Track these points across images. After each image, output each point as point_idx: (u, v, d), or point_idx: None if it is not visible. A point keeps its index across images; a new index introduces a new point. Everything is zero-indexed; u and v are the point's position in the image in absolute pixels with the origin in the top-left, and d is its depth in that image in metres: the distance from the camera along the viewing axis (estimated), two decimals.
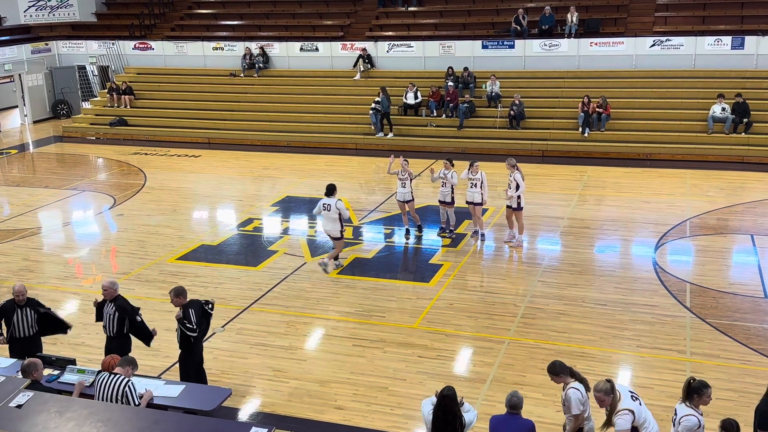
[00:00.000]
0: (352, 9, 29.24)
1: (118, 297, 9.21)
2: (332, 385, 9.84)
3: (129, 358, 7.83)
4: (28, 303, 9.31)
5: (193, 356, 9.19)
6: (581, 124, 22.27)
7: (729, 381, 9.68)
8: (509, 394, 7.18)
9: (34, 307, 9.37)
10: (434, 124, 23.94)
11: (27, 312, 9.25)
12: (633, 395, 7.18)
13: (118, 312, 9.10)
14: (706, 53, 23.40)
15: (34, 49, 30.21)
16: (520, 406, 7.08)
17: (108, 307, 9.18)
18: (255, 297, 12.71)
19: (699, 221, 16.05)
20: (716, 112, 21.62)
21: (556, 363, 7.46)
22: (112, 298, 9.16)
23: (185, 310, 8.97)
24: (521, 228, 14.77)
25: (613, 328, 11.25)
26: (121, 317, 9.10)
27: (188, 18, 31.36)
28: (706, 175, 19.69)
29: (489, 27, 26.60)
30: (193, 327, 8.92)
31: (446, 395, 6.80)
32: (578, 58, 24.61)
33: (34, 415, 6.58)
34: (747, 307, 11.92)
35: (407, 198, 15.01)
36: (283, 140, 24.66)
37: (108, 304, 9.19)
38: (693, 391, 6.94)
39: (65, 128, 27.77)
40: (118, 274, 13.88)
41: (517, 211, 14.56)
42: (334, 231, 13.71)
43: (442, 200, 15.11)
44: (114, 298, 9.17)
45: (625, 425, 6.84)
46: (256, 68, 27.62)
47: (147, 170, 21.73)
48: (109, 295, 9.18)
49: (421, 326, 11.50)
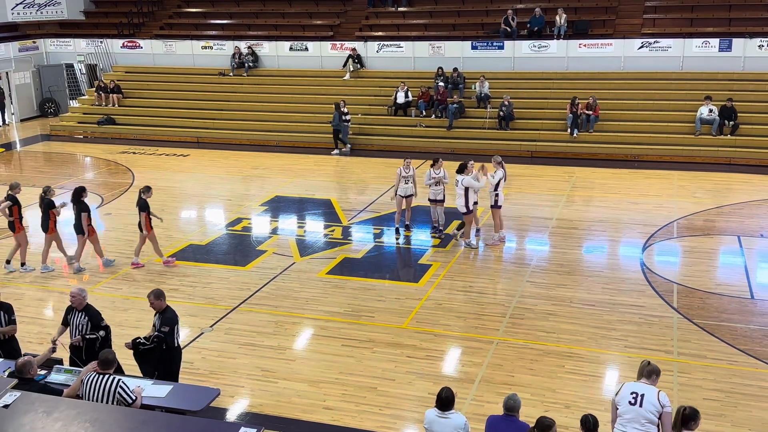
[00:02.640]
0: (342, 9, 29.23)
1: (89, 307, 9.02)
2: (321, 385, 9.83)
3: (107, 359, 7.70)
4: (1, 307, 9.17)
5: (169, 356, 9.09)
6: (570, 125, 22.36)
7: (716, 381, 9.74)
8: (507, 396, 7.15)
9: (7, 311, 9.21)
10: (423, 124, 23.97)
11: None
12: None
13: (92, 322, 8.94)
14: (693, 55, 23.56)
15: (21, 47, 30.02)
16: (517, 408, 7.04)
17: (80, 317, 8.96)
18: (243, 297, 12.68)
19: (686, 222, 16.14)
20: (704, 113, 21.75)
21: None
22: (83, 308, 8.96)
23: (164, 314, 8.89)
24: (498, 226, 14.94)
25: (600, 329, 11.30)
26: (93, 326, 8.94)
27: (177, 17, 31.25)
28: (694, 176, 19.81)
29: (478, 28, 26.67)
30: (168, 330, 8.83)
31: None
32: (567, 60, 24.71)
33: (21, 415, 6.54)
34: (733, 307, 12.00)
35: (409, 192, 15.24)
36: (272, 140, 24.62)
37: (78, 314, 8.96)
38: (689, 419, 6.76)
39: (53, 127, 27.61)
40: (105, 273, 13.82)
41: (496, 209, 14.73)
42: (460, 206, 14.28)
43: (433, 199, 15.21)
44: (85, 307, 8.97)
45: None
46: (245, 67, 27.55)
47: (135, 169, 21.63)
48: (78, 303, 8.96)
49: (410, 326, 11.52)
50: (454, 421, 6.99)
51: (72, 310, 9.05)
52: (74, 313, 9.02)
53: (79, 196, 13.67)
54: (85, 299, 9.03)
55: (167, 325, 8.81)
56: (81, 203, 13.65)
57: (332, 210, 17.46)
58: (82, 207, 13.65)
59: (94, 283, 13.39)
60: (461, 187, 14.25)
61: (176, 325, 8.92)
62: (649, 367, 7.41)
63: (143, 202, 13.75)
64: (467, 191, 14.26)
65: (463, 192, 14.26)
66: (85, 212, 13.65)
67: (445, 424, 6.99)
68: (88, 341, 8.96)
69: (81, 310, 8.98)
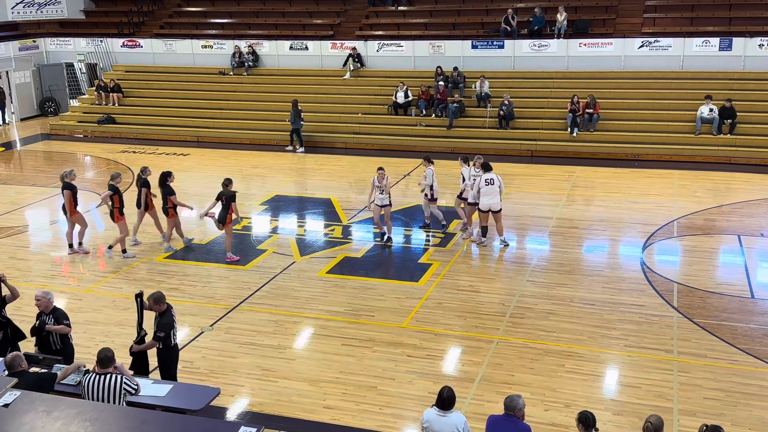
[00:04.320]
0: (342, 8, 29.21)
1: (55, 309, 9.00)
2: (321, 385, 9.83)
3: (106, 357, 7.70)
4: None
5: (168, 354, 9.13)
6: (570, 125, 22.35)
7: (716, 381, 9.74)
8: (507, 396, 7.12)
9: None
10: (424, 123, 23.96)
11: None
12: None
13: (57, 323, 8.92)
14: (694, 54, 23.55)
15: (21, 46, 30.01)
16: (515, 408, 6.98)
17: (47, 320, 8.94)
18: (244, 296, 12.68)
19: (686, 221, 16.14)
20: (704, 113, 21.74)
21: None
22: (50, 311, 8.95)
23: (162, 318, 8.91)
24: (470, 222, 15.22)
25: (601, 328, 11.30)
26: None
27: (177, 16, 31.24)
28: (694, 175, 19.80)
29: (479, 27, 26.65)
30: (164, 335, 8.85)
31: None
32: (567, 59, 24.70)
33: (21, 415, 6.53)
34: (734, 307, 12.00)
35: (385, 202, 14.89)
36: (272, 139, 24.61)
37: (47, 317, 8.94)
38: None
39: (53, 126, 27.60)
40: (105, 272, 13.82)
41: (471, 206, 15.01)
42: (495, 204, 14.34)
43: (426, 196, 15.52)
44: (52, 310, 8.96)
45: None
46: (245, 67, 27.55)
47: (135, 168, 21.58)
48: (45, 307, 8.96)
49: (410, 326, 11.51)
50: (453, 420, 6.99)
51: (41, 314, 9.03)
52: (42, 316, 9.00)
53: (165, 180, 14.51)
54: (51, 302, 9.00)
55: (163, 331, 8.85)
56: (167, 187, 14.47)
57: (332, 209, 17.46)
58: (167, 190, 14.46)
59: (94, 282, 13.39)
60: (498, 184, 14.33)
61: (173, 329, 8.96)
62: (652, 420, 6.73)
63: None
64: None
65: (498, 189, 14.33)
66: (171, 195, 14.48)
67: (444, 423, 6.99)
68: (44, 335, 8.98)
69: (48, 314, 8.97)
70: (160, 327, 8.85)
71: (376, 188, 14.82)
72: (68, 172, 14.60)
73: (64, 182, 14.39)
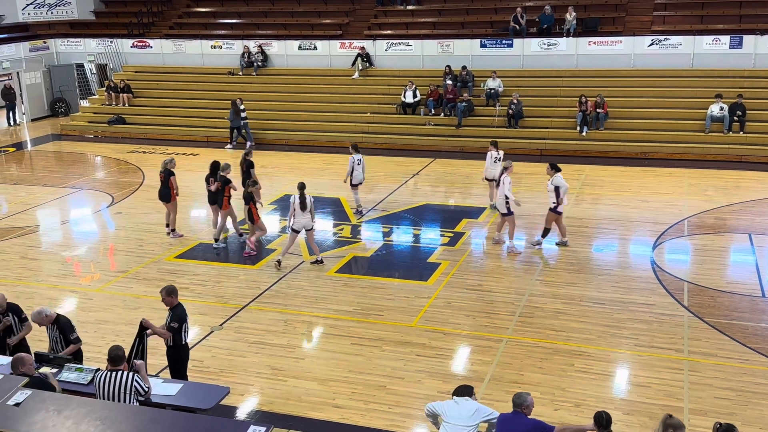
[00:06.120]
0: (351, 8, 29.23)
1: (58, 318, 8.98)
2: (330, 384, 9.84)
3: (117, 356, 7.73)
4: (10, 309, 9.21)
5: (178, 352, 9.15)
6: (579, 123, 22.28)
7: (727, 380, 9.69)
8: (516, 393, 7.26)
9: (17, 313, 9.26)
10: (432, 122, 23.94)
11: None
12: None
13: (62, 334, 8.93)
14: (704, 53, 23.42)
15: (32, 47, 30.16)
16: (524, 404, 7.09)
17: (52, 330, 8.96)
18: (253, 295, 12.71)
19: (697, 220, 16.06)
20: (714, 111, 21.63)
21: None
22: (52, 322, 8.92)
23: (174, 311, 8.95)
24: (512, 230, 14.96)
25: (611, 327, 11.26)
26: (65, 338, 8.94)
27: (186, 16, 31.34)
28: (704, 174, 19.71)
29: (487, 26, 26.62)
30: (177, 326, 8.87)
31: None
32: (576, 57, 24.62)
33: (33, 414, 6.58)
34: (745, 306, 11.94)
35: (309, 227, 13.78)
36: (281, 139, 24.66)
37: (50, 327, 8.96)
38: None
39: (63, 126, 27.74)
40: (116, 272, 13.88)
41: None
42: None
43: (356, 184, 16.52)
44: (54, 320, 8.93)
45: None
46: (254, 67, 27.60)
47: (145, 168, 21.70)
48: (46, 323, 8.95)
49: (420, 325, 11.51)
50: (468, 406, 7.22)
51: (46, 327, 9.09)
52: (48, 327, 9.03)
53: (223, 171, 15.06)
54: (49, 317, 8.91)
55: (176, 322, 8.87)
56: (225, 179, 14.94)
57: (341, 208, 17.47)
58: (225, 181, 14.89)
59: (105, 281, 13.45)
60: (552, 186, 14.21)
61: (185, 323, 8.96)
62: (670, 421, 6.55)
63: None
64: (557, 190, 14.20)
65: (554, 190, 14.17)
66: (228, 184, 14.95)
67: (464, 407, 7.21)
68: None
69: (52, 323, 8.97)
70: (174, 318, 8.87)
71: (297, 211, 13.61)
72: (169, 160, 15.75)
73: (167, 169, 15.44)
